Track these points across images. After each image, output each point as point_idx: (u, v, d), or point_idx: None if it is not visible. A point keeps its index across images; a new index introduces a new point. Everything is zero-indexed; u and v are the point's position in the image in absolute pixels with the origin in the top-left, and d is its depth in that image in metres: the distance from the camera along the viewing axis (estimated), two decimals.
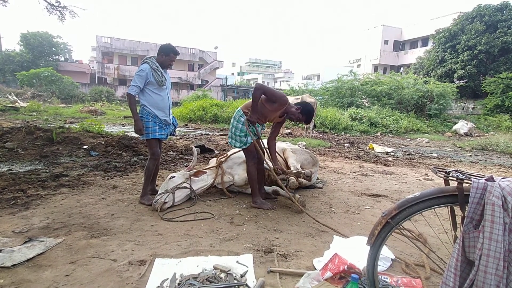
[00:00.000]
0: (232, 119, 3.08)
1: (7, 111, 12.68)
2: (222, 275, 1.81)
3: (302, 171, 3.17)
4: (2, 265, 1.84)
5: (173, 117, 3.30)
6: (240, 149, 3.14)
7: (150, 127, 3.00)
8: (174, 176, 3.10)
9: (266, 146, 3.24)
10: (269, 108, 2.92)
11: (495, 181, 1.11)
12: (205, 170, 3.37)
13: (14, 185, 3.37)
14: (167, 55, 3.01)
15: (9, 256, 1.93)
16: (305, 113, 2.98)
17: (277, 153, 3.66)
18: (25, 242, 2.12)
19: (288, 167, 3.63)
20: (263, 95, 2.88)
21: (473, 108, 20.35)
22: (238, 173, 3.42)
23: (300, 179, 3.17)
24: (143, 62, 3.00)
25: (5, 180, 3.53)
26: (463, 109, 20.97)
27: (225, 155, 3.57)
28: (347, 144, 8.49)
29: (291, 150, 3.91)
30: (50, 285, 1.69)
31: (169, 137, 3.42)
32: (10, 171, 3.98)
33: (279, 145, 4.00)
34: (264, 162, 3.18)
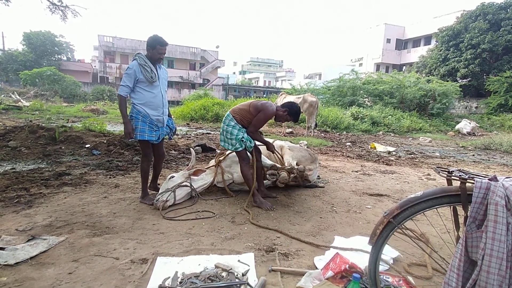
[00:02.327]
0: (222, 123, 3.13)
1: (10, 110, 12.75)
2: (224, 274, 1.81)
3: (296, 167, 3.17)
4: (6, 263, 1.85)
5: (170, 119, 3.14)
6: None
7: (138, 127, 2.84)
8: (173, 176, 3.11)
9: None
10: (264, 124, 3.13)
11: (498, 181, 1.11)
12: (204, 169, 3.38)
13: (18, 184, 3.39)
14: (153, 48, 2.81)
15: (13, 254, 1.94)
16: (292, 114, 3.06)
17: (276, 151, 3.67)
18: (28, 240, 2.14)
19: (283, 164, 3.64)
20: (253, 110, 3.04)
21: (476, 107, 20.24)
22: (237, 171, 3.43)
23: (293, 175, 3.16)
24: (132, 59, 2.86)
25: (8, 178, 3.55)
26: (466, 108, 20.86)
27: (223, 154, 3.59)
28: (348, 143, 8.47)
29: (288, 147, 3.93)
30: (53, 283, 1.70)
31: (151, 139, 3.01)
32: (14, 170, 4.00)
33: (278, 143, 4.03)
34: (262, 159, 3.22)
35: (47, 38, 30.70)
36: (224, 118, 3.13)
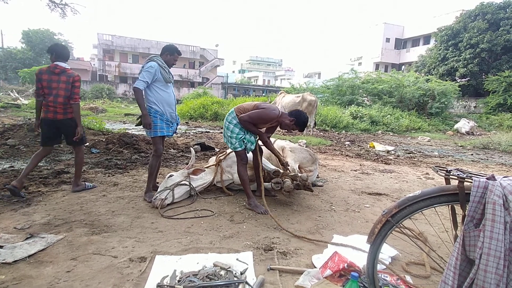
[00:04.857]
0: (225, 120, 3.10)
1: (9, 108, 12.70)
2: (222, 272, 1.81)
3: (299, 175, 3.12)
4: (4, 261, 1.85)
5: (176, 115, 3.32)
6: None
7: (158, 125, 3.06)
8: (172, 175, 3.11)
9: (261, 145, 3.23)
10: (260, 123, 3.02)
11: (496, 180, 1.11)
12: (204, 169, 3.37)
13: None
14: (171, 55, 3.16)
15: (11, 252, 1.94)
16: (300, 124, 3.00)
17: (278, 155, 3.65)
18: (27, 239, 2.13)
19: (284, 165, 3.62)
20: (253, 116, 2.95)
21: (475, 107, 20.29)
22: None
23: (296, 182, 3.12)
24: (149, 60, 3.04)
25: (7, 177, 3.54)
26: (465, 107, 20.91)
27: (224, 153, 3.56)
28: (347, 143, 8.47)
29: (289, 149, 3.89)
30: (51, 281, 1.70)
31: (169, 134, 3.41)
32: (12, 168, 3.99)
33: (278, 143, 3.99)
34: (262, 163, 3.18)
35: (46, 36, 30.60)
36: (227, 114, 3.10)
